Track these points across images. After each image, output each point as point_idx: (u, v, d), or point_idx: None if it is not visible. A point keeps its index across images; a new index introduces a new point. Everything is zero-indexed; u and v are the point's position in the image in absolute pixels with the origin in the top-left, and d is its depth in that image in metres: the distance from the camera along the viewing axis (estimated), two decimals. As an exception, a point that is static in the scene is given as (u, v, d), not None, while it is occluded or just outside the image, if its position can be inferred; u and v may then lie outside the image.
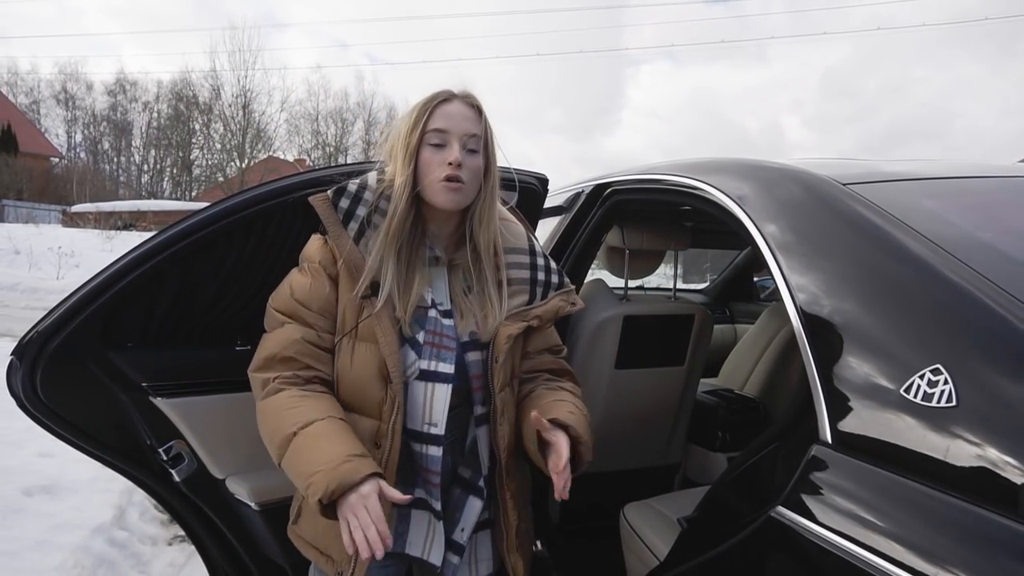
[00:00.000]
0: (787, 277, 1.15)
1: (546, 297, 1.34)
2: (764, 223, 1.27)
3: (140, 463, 1.54)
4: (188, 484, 1.55)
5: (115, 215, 21.43)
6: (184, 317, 1.49)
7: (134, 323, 1.43)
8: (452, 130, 1.22)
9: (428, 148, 1.22)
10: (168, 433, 1.51)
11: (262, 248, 1.49)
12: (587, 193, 2.15)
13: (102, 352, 1.40)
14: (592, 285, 2.35)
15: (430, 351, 1.23)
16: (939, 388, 0.91)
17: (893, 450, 0.94)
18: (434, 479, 1.23)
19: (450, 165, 1.21)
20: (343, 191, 1.25)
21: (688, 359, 2.36)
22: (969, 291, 0.95)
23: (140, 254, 1.38)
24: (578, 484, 2.40)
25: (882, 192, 1.21)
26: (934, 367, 0.92)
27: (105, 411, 1.47)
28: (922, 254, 1.02)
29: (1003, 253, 1.06)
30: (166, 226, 1.41)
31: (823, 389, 1.05)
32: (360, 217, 1.23)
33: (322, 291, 1.23)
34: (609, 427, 2.33)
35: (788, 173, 1.37)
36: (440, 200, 1.22)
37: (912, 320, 0.99)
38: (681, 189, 1.63)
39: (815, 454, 1.03)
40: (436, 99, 1.24)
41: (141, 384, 1.45)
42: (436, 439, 1.22)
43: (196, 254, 1.43)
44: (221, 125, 32.65)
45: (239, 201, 1.43)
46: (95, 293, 1.35)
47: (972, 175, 1.39)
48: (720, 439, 2.56)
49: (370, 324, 1.20)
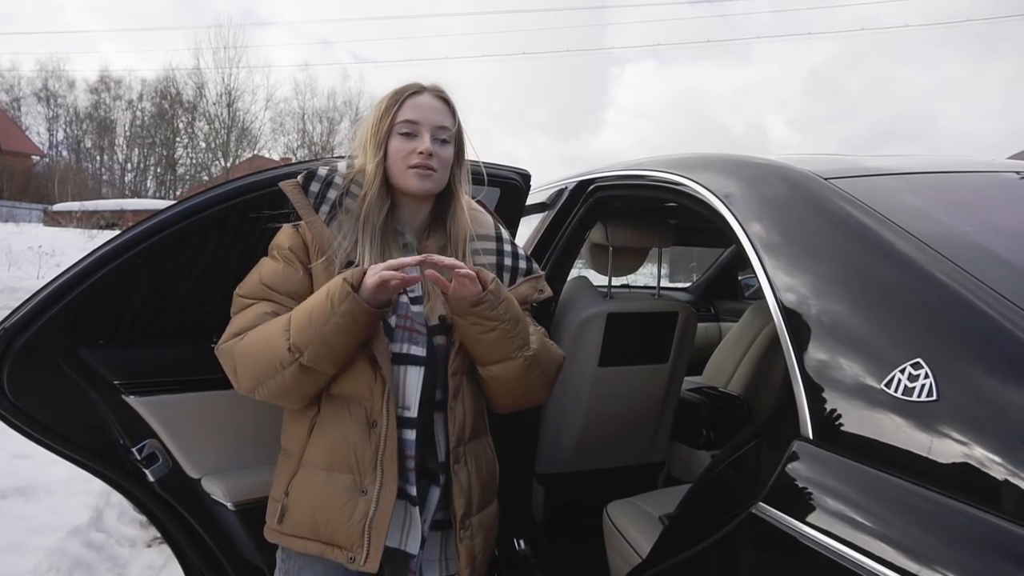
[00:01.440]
0: (769, 273, 1.14)
1: (515, 283, 1.35)
2: (747, 219, 1.26)
3: (113, 463, 1.51)
4: (162, 484, 1.52)
5: (97, 214, 21.19)
6: (157, 314, 1.46)
7: (106, 320, 1.40)
8: (423, 121, 1.27)
9: (398, 137, 1.26)
10: (141, 432, 1.48)
11: (237, 244, 1.46)
12: (570, 190, 2.13)
13: (72, 350, 1.37)
14: (575, 283, 2.34)
15: (401, 334, 1.24)
16: (919, 382, 0.90)
17: (874, 445, 0.93)
18: (410, 463, 1.23)
19: (420, 154, 1.24)
20: (313, 175, 1.27)
21: (672, 357, 2.35)
22: (949, 285, 0.94)
23: (111, 250, 1.35)
24: (562, 482, 2.41)
25: (863, 187, 1.20)
26: (914, 361, 0.91)
27: (76, 410, 1.43)
28: (903, 249, 1.02)
29: (983, 247, 1.05)
30: (138, 221, 1.38)
31: (804, 384, 1.04)
32: (331, 200, 1.25)
33: (294, 276, 1.24)
34: (593, 425, 2.32)
35: (771, 168, 1.36)
36: (411, 185, 1.26)
37: (892, 314, 0.99)
38: (664, 185, 1.62)
39: (796, 449, 1.02)
40: (407, 91, 1.28)
41: (113, 382, 1.41)
42: (410, 422, 1.23)
43: (169, 250, 1.40)
44: (205, 123, 32.37)
45: (212, 196, 1.40)
46: (64, 289, 1.32)
47: (952, 170, 1.39)
48: (704, 437, 2.56)
49: None
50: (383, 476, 1.17)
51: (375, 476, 1.17)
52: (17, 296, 10.46)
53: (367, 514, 1.17)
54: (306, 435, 1.24)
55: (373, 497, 1.17)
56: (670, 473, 2.63)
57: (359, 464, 1.19)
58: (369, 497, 1.17)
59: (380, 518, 1.16)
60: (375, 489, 1.17)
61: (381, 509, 1.17)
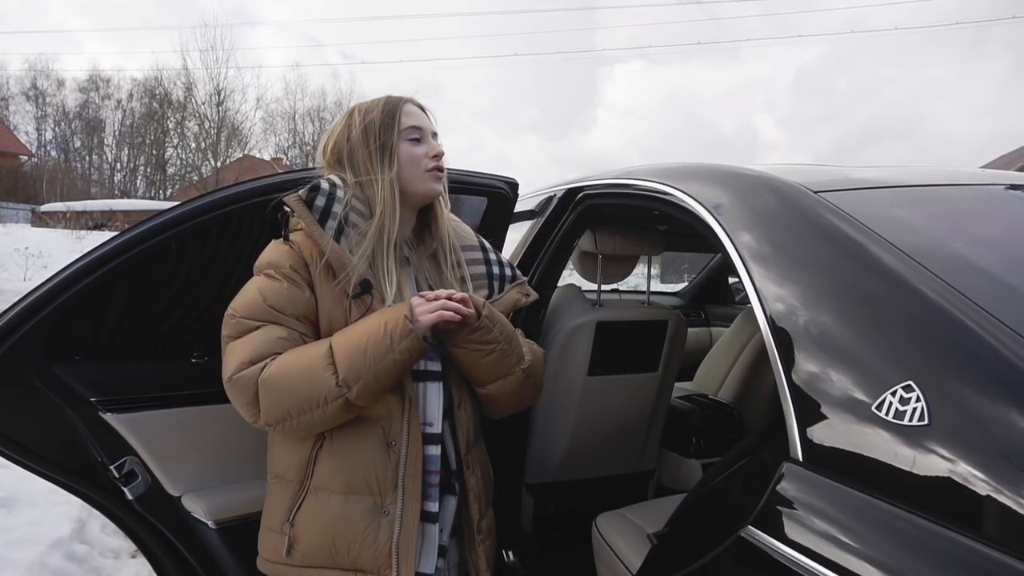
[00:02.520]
0: (758, 288, 1.12)
1: (503, 290, 1.36)
2: (736, 231, 1.24)
3: (91, 480, 1.48)
4: (142, 502, 1.49)
5: (86, 215, 21.01)
6: (136, 328, 1.43)
7: (82, 335, 1.37)
8: (424, 126, 1.28)
9: (407, 143, 1.25)
10: (120, 449, 1.45)
11: (218, 255, 1.43)
12: (559, 197, 2.11)
13: (47, 367, 1.33)
14: (564, 291, 2.32)
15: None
16: (911, 405, 0.88)
17: (866, 469, 0.91)
18: (432, 479, 1.22)
19: (435, 157, 1.26)
20: (317, 188, 1.20)
21: (662, 365, 2.33)
22: (941, 305, 0.93)
23: (88, 263, 1.31)
24: (551, 492, 2.39)
25: (853, 200, 1.19)
26: (906, 383, 0.90)
27: (51, 427, 1.40)
28: (893, 266, 1.00)
29: (974, 265, 1.04)
30: (116, 234, 1.35)
31: (794, 404, 1.02)
32: (337, 215, 1.20)
33: (300, 295, 1.17)
34: (582, 435, 2.30)
35: (760, 180, 1.34)
36: (428, 189, 1.27)
37: (884, 335, 0.97)
38: (652, 194, 1.60)
39: (785, 471, 1.00)
40: (397, 101, 1.28)
41: (90, 399, 1.38)
42: (434, 438, 1.22)
43: (148, 262, 1.37)
44: (195, 123, 32.18)
45: (192, 208, 1.38)
46: (39, 304, 1.29)
47: (942, 183, 1.37)
48: (694, 445, 2.54)
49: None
50: (405, 495, 1.15)
51: (396, 496, 1.15)
52: (5, 298, 10.34)
53: (392, 535, 1.14)
54: (307, 460, 1.18)
55: (396, 517, 1.14)
56: (660, 481, 2.61)
57: (380, 485, 1.16)
58: (392, 518, 1.14)
59: (406, 538, 1.14)
60: (397, 509, 1.15)
61: (406, 529, 1.15)
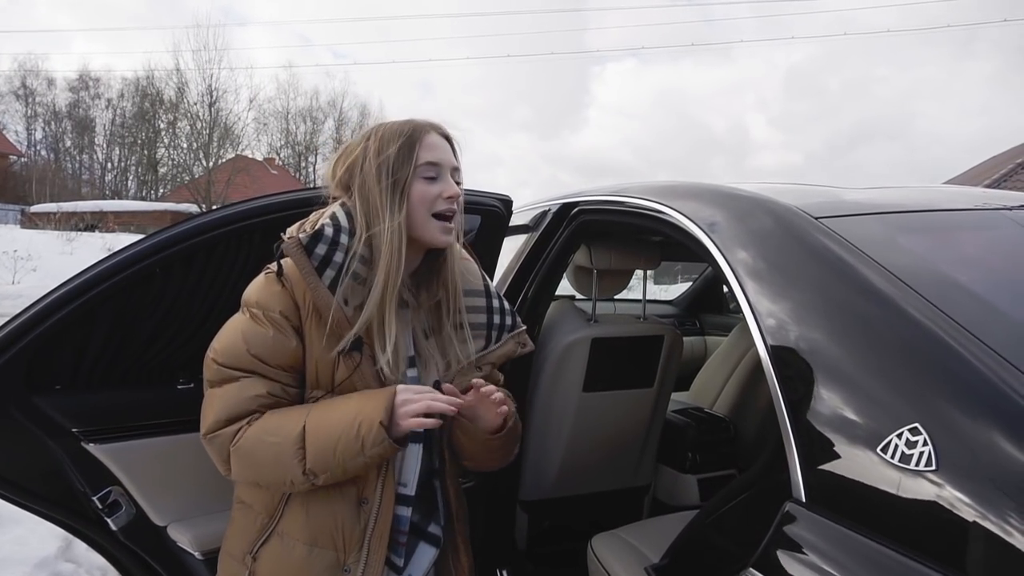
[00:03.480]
0: (760, 322, 1.09)
1: (500, 340, 1.29)
2: (735, 261, 1.21)
3: (74, 511, 1.44)
4: (126, 533, 1.45)
5: (76, 215, 20.84)
6: (120, 355, 1.39)
7: (63, 364, 1.33)
8: (444, 163, 1.16)
9: (421, 181, 1.14)
10: (103, 479, 1.41)
11: (205, 280, 1.40)
12: (554, 212, 2.08)
13: (26, 398, 1.29)
14: (560, 306, 2.29)
15: None
16: (918, 449, 0.85)
17: (871, 513, 0.89)
18: (401, 538, 1.19)
19: (448, 199, 1.15)
20: (320, 235, 1.09)
21: (658, 380, 2.31)
22: (948, 344, 0.90)
23: (69, 290, 1.28)
24: (546, 509, 2.36)
25: (856, 228, 1.16)
26: (912, 426, 0.87)
27: (32, 458, 1.36)
28: (899, 301, 0.97)
29: (984, 301, 1.01)
30: (98, 260, 1.31)
31: (796, 442, 1.00)
32: (338, 264, 1.09)
33: (286, 345, 1.10)
34: (577, 451, 2.27)
35: (759, 203, 1.32)
36: (433, 237, 1.16)
37: (891, 373, 0.94)
38: (647, 213, 1.57)
39: (789, 512, 0.97)
40: (419, 130, 1.16)
41: (72, 430, 1.34)
42: (406, 499, 1.18)
43: (132, 289, 1.33)
44: (187, 123, 31.97)
45: (177, 232, 1.34)
46: (17, 334, 1.25)
47: (947, 207, 1.34)
48: (690, 460, 2.52)
49: (351, 380, 1.12)
50: (368, 555, 1.12)
51: (360, 555, 1.12)
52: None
53: None
54: (278, 499, 1.15)
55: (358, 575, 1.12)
56: (656, 496, 2.59)
57: (345, 542, 1.12)
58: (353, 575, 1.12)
59: None
60: (359, 568, 1.11)
61: None
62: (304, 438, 1.05)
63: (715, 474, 2.52)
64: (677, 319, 3.91)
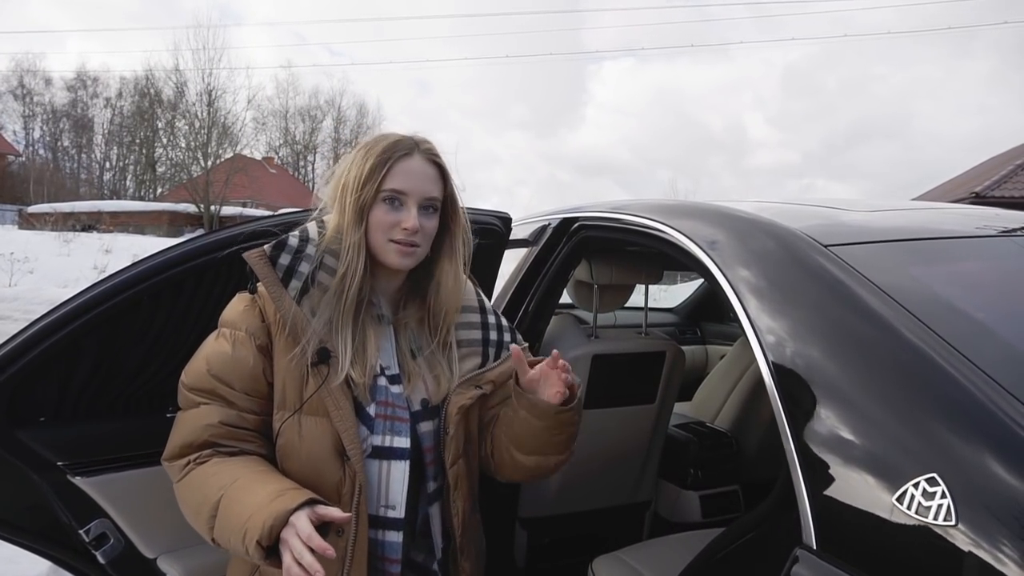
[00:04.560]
0: (772, 365, 1.04)
1: (499, 358, 1.25)
2: (736, 281, 1.17)
3: (61, 544, 1.40)
4: (115, 566, 1.41)
5: (74, 216, 20.78)
6: (107, 386, 1.35)
7: (47, 396, 1.29)
8: (411, 192, 1.12)
9: (382, 205, 1.11)
10: (90, 512, 1.37)
11: (194, 306, 1.36)
12: (554, 227, 2.05)
13: (8, 432, 1.25)
14: (560, 321, 2.25)
15: (383, 424, 1.11)
16: (936, 501, 0.82)
17: (886, 567, 0.85)
18: (393, 568, 1.12)
19: (405, 230, 1.11)
20: (283, 245, 1.10)
21: (659, 397, 2.27)
22: (967, 389, 0.86)
23: (52, 321, 1.24)
24: (546, 525, 2.32)
25: (867, 258, 1.12)
26: (929, 476, 0.83)
27: (15, 492, 1.32)
28: (916, 341, 0.93)
29: (1005, 343, 0.97)
30: (83, 289, 1.27)
31: (806, 484, 0.96)
32: (303, 275, 1.09)
33: (245, 364, 1.09)
34: (577, 467, 2.23)
35: (761, 226, 1.28)
36: (391, 260, 1.13)
37: (908, 418, 0.90)
38: (647, 232, 1.54)
39: (799, 558, 0.93)
40: (396, 152, 1.12)
41: (57, 463, 1.30)
42: (395, 523, 1.12)
43: (118, 318, 1.29)
44: (185, 123, 31.89)
45: (166, 259, 1.30)
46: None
47: (956, 235, 1.30)
48: (692, 476, 2.48)
49: (319, 395, 1.08)
50: None
51: None
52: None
53: None
54: None
55: None
56: (657, 512, 2.55)
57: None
58: None
59: None
60: None
61: None
62: (217, 509, 1.02)
63: (717, 490, 2.49)
64: (678, 327, 3.87)
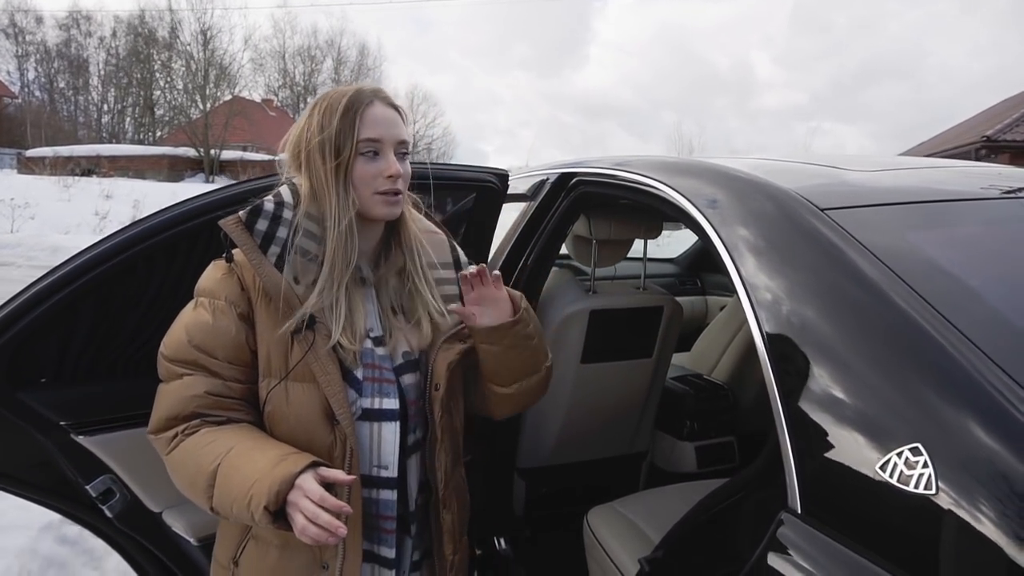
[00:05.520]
0: (763, 329, 1.05)
1: None
2: (738, 257, 1.17)
3: (70, 499, 1.44)
4: (122, 519, 1.45)
5: (73, 160, 20.59)
6: (105, 347, 1.36)
7: (47, 358, 1.31)
8: (385, 138, 1.11)
9: (361, 159, 1.10)
10: (95, 469, 1.40)
11: (189, 269, 1.36)
12: (552, 182, 2.03)
13: (10, 394, 1.27)
14: (558, 276, 2.25)
15: (371, 387, 1.12)
16: (918, 471, 0.83)
17: (868, 532, 0.87)
18: (388, 525, 1.14)
19: (389, 178, 1.10)
20: (259, 211, 1.09)
21: (656, 350, 2.29)
22: (956, 360, 0.87)
23: (49, 284, 1.24)
24: (544, 476, 2.37)
25: (864, 222, 1.11)
26: (913, 445, 0.84)
27: (22, 450, 1.35)
28: (908, 311, 0.93)
29: (1001, 316, 0.97)
30: (76, 252, 1.27)
31: (794, 453, 0.97)
32: (282, 240, 1.08)
33: (228, 334, 1.07)
34: (575, 420, 2.27)
35: (758, 187, 1.27)
36: (379, 213, 1.13)
37: (894, 388, 0.91)
38: (645, 189, 1.53)
39: (784, 521, 0.96)
40: (360, 103, 1.10)
41: (59, 423, 1.33)
42: (388, 482, 1.13)
43: (113, 281, 1.29)
44: (181, 64, 31.27)
45: (157, 223, 1.30)
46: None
47: (960, 196, 1.29)
48: (688, 427, 2.53)
49: (305, 362, 1.08)
50: (345, 547, 1.08)
51: (336, 548, 1.08)
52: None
53: None
54: None
55: (336, 571, 1.08)
56: (653, 462, 2.61)
57: None
58: (331, 572, 1.09)
59: None
60: (337, 563, 1.08)
61: None
62: (215, 478, 1.01)
63: (713, 441, 2.53)
64: (678, 278, 3.87)
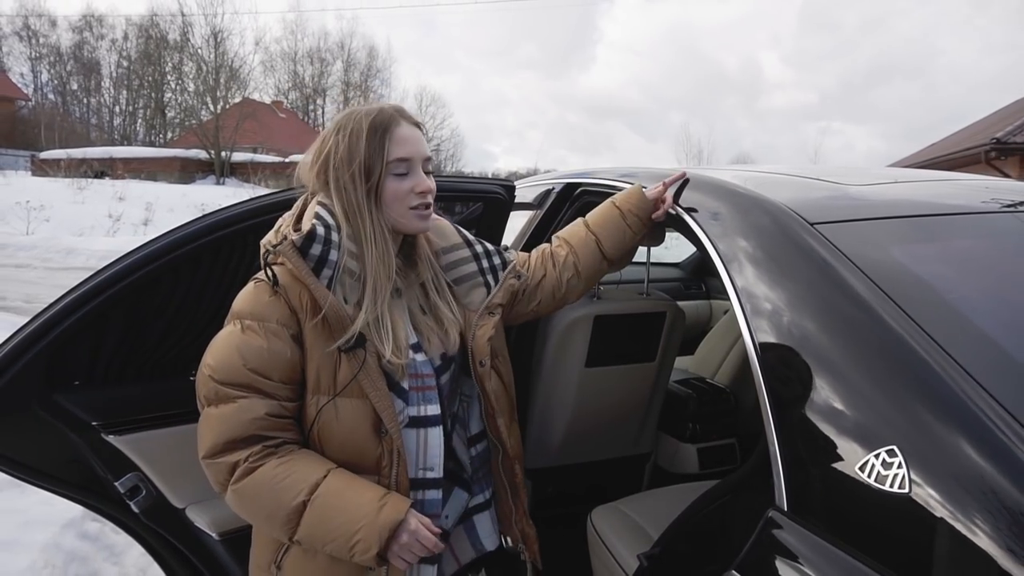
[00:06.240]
0: (755, 338, 1.12)
1: (499, 280, 1.34)
2: (733, 270, 1.23)
3: (99, 495, 1.52)
4: (148, 515, 1.53)
5: (86, 163, 20.81)
6: (134, 352, 1.45)
7: (80, 362, 1.39)
8: (414, 156, 1.17)
9: (392, 178, 1.15)
10: (124, 466, 1.48)
11: (212, 279, 1.44)
12: (557, 191, 2.10)
13: (47, 395, 1.36)
14: (563, 282, 2.31)
15: (416, 396, 1.17)
16: (893, 471, 0.89)
17: (849, 529, 0.93)
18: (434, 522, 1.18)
19: (421, 194, 1.17)
20: (313, 236, 1.10)
21: (659, 355, 2.35)
22: (932, 368, 0.93)
23: (82, 294, 1.32)
24: (549, 476, 2.44)
25: (852, 237, 1.17)
26: (889, 448, 0.91)
27: (56, 449, 1.43)
28: (890, 322, 1.00)
29: (975, 328, 1.03)
30: (106, 264, 1.35)
31: (781, 454, 1.04)
32: (333, 263, 1.11)
33: (283, 356, 1.08)
34: (580, 422, 2.33)
35: (757, 203, 1.33)
36: (413, 227, 1.20)
37: (874, 394, 0.97)
38: None
39: (772, 518, 1.02)
40: (385, 124, 1.15)
41: (91, 423, 1.41)
42: (435, 482, 1.19)
43: (141, 291, 1.37)
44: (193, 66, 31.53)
45: (181, 236, 1.38)
46: (35, 337, 1.30)
47: (948, 211, 1.35)
48: (691, 430, 2.58)
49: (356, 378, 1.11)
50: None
51: None
52: (8, 253, 10.39)
53: None
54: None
55: (383, 571, 1.12)
56: (657, 463, 2.66)
57: None
58: (377, 573, 1.12)
59: None
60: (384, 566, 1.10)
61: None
62: (303, 514, 1.05)
63: (715, 443, 2.59)
64: (683, 283, 3.93)
